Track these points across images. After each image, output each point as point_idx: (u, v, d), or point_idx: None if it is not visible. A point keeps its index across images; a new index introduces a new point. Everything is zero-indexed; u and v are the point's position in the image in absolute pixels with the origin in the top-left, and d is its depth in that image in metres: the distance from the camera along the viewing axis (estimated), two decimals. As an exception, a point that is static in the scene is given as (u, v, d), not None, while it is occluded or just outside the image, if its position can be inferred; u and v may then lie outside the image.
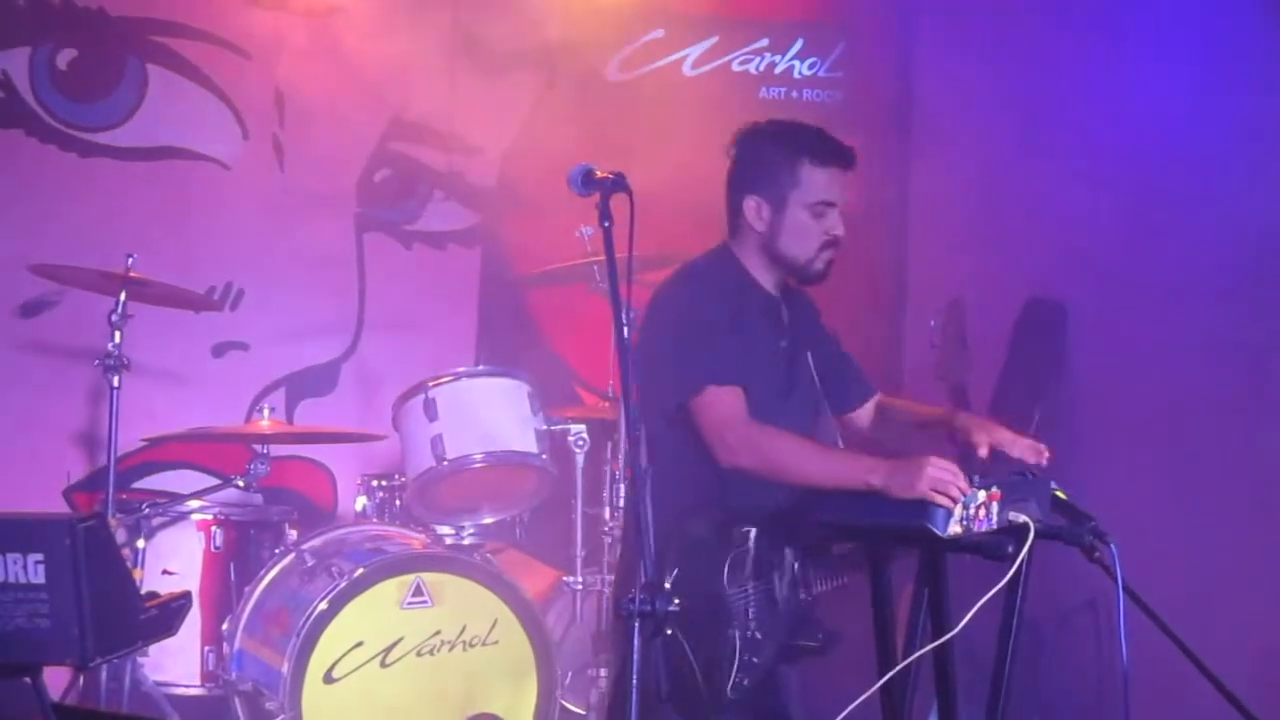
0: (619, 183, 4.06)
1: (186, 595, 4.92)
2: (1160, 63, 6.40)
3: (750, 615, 4.46)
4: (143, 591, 4.93)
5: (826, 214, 4.72)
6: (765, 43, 8.00)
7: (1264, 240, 5.88)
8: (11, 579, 4.41)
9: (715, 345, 4.58)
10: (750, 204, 4.73)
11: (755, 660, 4.44)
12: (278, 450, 6.66)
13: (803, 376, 4.89)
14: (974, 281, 6.91)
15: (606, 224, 4.07)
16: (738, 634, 4.43)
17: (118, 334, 5.95)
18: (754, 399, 4.57)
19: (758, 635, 4.46)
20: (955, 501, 4.11)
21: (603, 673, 6.28)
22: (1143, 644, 4.35)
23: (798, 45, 8.02)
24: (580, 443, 6.37)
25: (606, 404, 6.88)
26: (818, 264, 4.76)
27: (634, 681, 3.77)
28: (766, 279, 4.81)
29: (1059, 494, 4.43)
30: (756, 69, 8.02)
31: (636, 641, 3.78)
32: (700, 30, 7.95)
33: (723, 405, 4.52)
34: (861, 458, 4.39)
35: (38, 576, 4.39)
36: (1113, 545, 4.26)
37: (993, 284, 6.94)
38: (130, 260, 6.04)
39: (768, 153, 4.75)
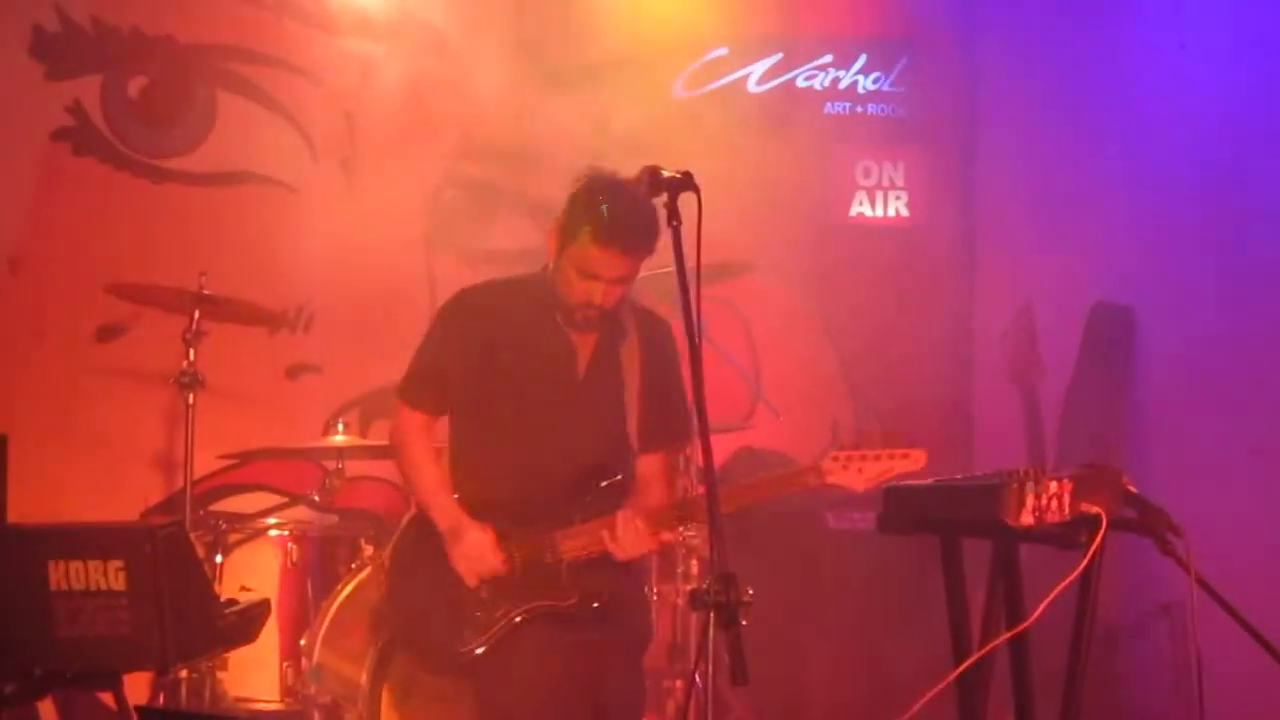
0: (686, 182, 4.08)
1: (265, 602, 4.99)
2: (1227, 60, 6.42)
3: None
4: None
5: (591, 281, 4.76)
6: (829, 58, 8.01)
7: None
8: (93, 586, 4.50)
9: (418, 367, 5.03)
10: (550, 231, 4.86)
11: (481, 616, 4.76)
12: (352, 470, 6.68)
13: (601, 405, 4.97)
14: (1042, 285, 6.91)
15: (675, 224, 4.08)
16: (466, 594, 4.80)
17: (192, 351, 6.01)
18: (480, 422, 4.95)
19: (482, 594, 4.78)
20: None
21: (679, 684, 6.28)
22: (1217, 639, 4.33)
23: (861, 60, 8.03)
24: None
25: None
26: (577, 315, 4.86)
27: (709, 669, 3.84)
28: None
29: (1130, 488, 4.41)
30: (820, 85, 8.03)
31: (711, 632, 3.83)
32: (764, 47, 7.96)
33: (401, 418, 5.04)
34: (448, 503, 4.89)
35: (119, 583, 4.48)
36: (1184, 537, 4.25)
37: (1061, 287, 6.94)
38: (202, 278, 6.11)
39: (576, 199, 4.81)
